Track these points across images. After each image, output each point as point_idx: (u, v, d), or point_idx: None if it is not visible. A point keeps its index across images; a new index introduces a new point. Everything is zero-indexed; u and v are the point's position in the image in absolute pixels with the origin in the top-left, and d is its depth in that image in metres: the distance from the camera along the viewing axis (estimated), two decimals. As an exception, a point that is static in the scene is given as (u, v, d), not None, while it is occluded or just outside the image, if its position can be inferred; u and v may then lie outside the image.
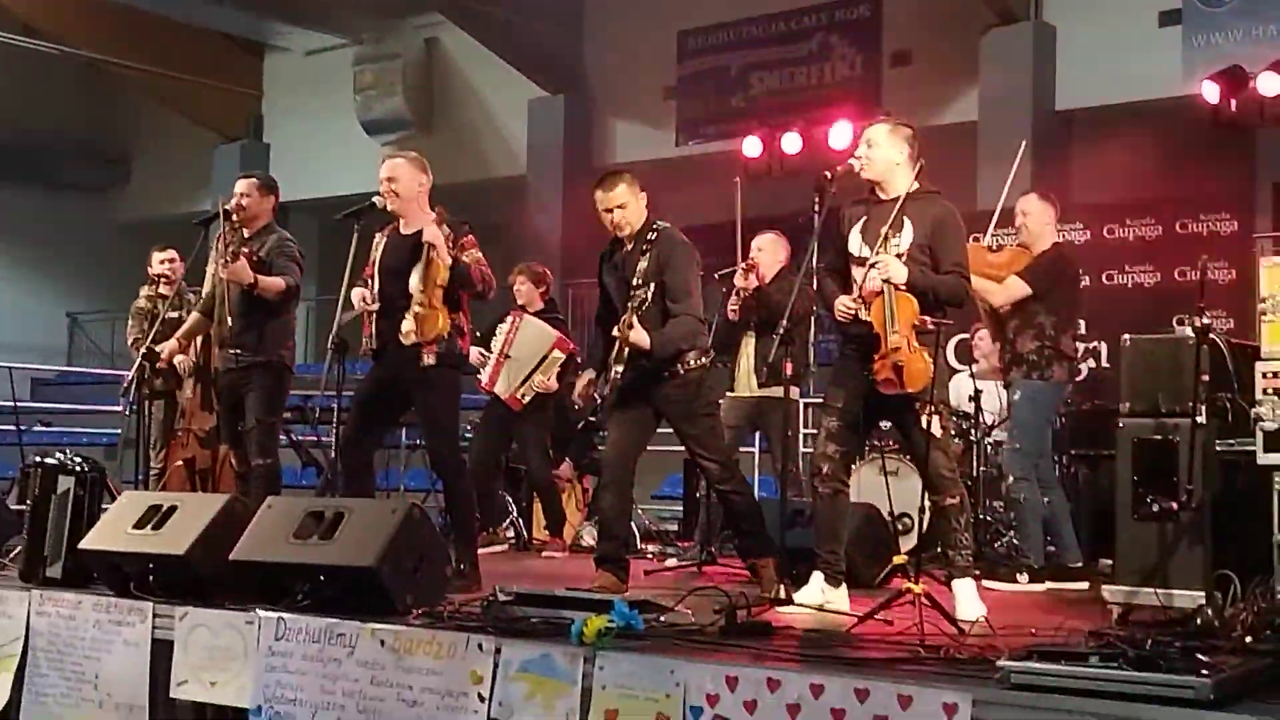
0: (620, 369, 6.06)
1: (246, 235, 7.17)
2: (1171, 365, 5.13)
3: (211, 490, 7.39)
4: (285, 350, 7.20)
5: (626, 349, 6.02)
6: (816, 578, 5.66)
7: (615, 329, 6.06)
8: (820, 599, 5.57)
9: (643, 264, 6.12)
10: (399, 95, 17.07)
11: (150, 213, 19.45)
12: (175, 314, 8.16)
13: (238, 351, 7.05)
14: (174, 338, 7.46)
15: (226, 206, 7.20)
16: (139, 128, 20.36)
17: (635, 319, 5.99)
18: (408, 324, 6.30)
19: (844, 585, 5.69)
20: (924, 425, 5.35)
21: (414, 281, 6.32)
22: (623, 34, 15.84)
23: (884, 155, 5.57)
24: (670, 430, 6.27)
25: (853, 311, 5.50)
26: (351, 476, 6.56)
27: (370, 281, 6.54)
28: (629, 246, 6.23)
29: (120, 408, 9.64)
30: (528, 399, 8.89)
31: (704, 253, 6.40)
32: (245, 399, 7.04)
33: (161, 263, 8.90)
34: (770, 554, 6.15)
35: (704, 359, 6.20)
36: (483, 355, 8.92)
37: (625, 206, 6.17)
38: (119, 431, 13.40)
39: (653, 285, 6.06)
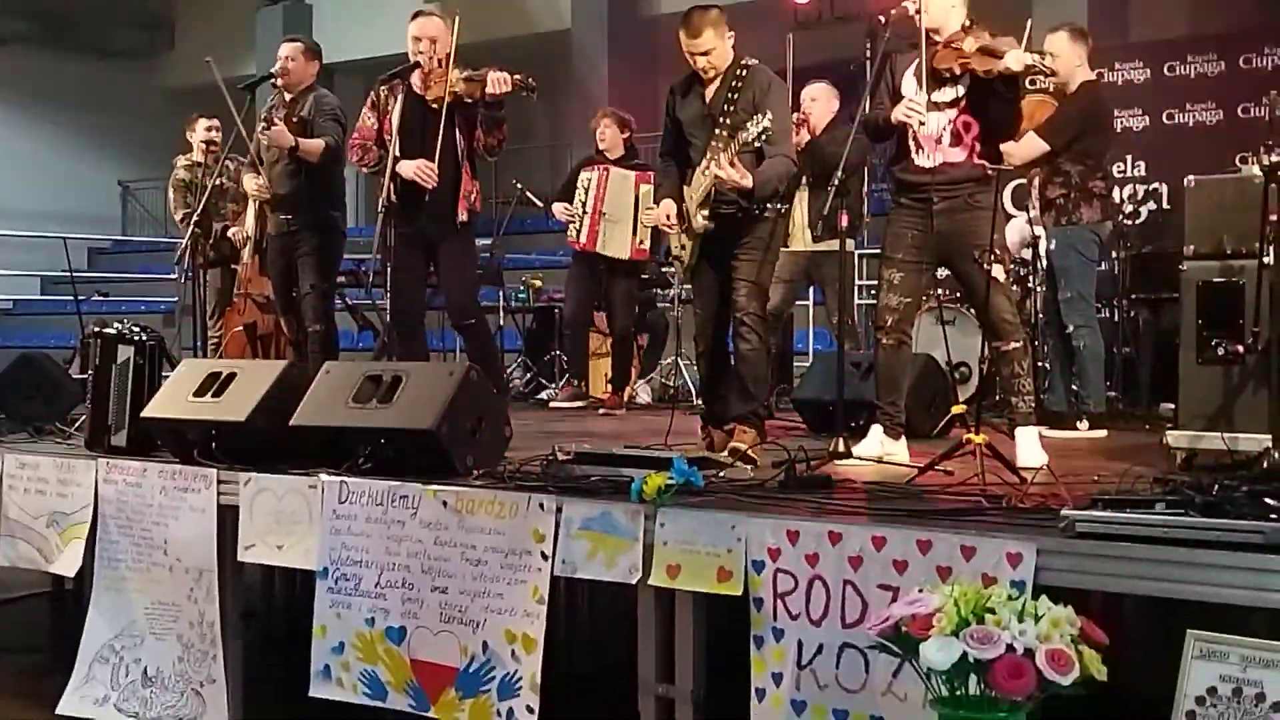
0: (706, 215, 5.85)
1: (289, 99, 7.13)
2: (1238, 205, 5.00)
3: (275, 354, 7.42)
4: (336, 212, 7.19)
5: (712, 190, 5.80)
6: (875, 430, 5.64)
7: (703, 167, 5.82)
8: (879, 451, 5.56)
9: (732, 103, 5.83)
10: (442, -52, 16.77)
11: (195, 78, 19.33)
12: (219, 181, 8.13)
13: (288, 216, 7.04)
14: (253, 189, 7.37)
15: (274, 69, 7.17)
16: (181, -8, 20.24)
17: (728, 158, 5.69)
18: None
19: (903, 438, 5.67)
20: (985, 268, 5.29)
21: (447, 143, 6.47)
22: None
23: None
24: None
25: (918, 112, 5.36)
26: (404, 340, 6.60)
27: (388, 140, 6.55)
28: (715, 83, 5.93)
29: (175, 275, 9.70)
30: (647, 243, 8.89)
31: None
32: (297, 264, 7.05)
33: (208, 129, 8.86)
34: (757, 428, 5.96)
35: (786, 204, 6.08)
36: (568, 210, 8.90)
37: (712, 51, 5.86)
38: (175, 299, 13.54)
39: (740, 139, 5.70)
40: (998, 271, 5.37)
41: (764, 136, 5.64)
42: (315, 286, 7.06)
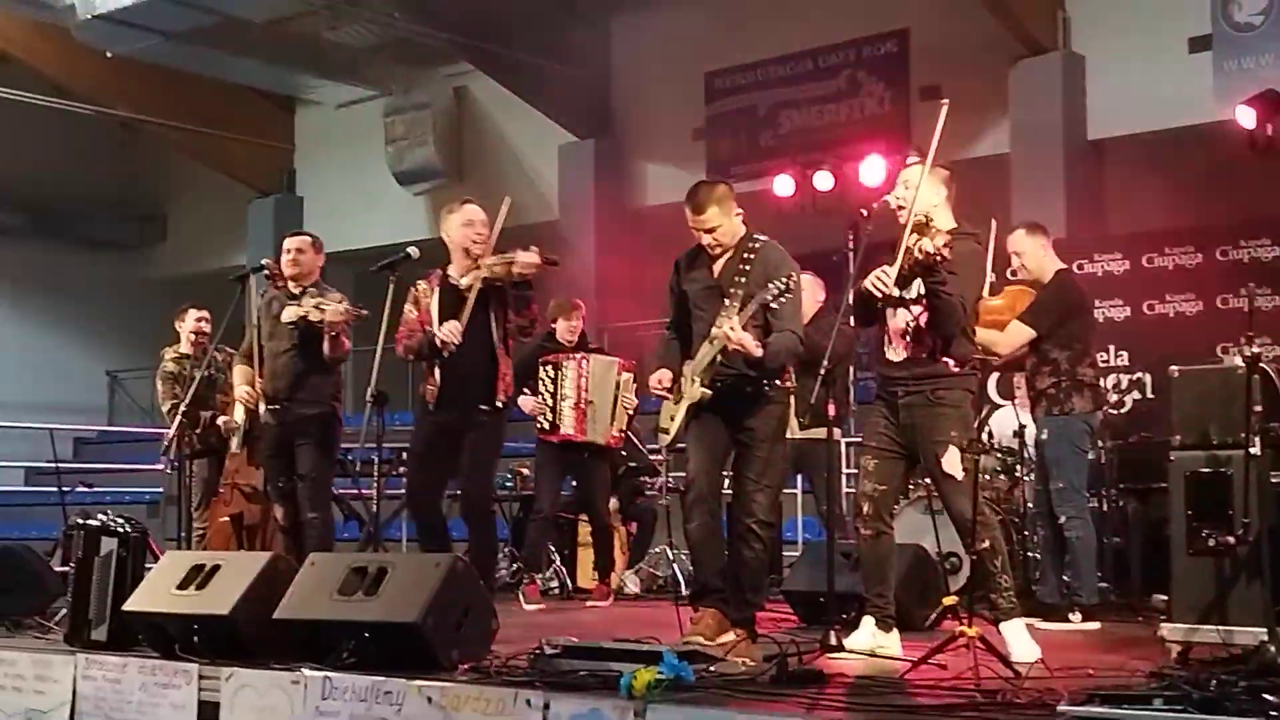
0: (706, 382, 5.71)
1: (296, 292, 7.19)
2: (1222, 396, 5.05)
3: (260, 546, 7.36)
4: (336, 402, 7.25)
5: (718, 356, 5.67)
6: (867, 622, 5.57)
7: (709, 336, 5.71)
8: (871, 643, 5.48)
9: (744, 274, 5.73)
10: (430, 145, 17.13)
11: (186, 269, 19.57)
12: (209, 372, 8.16)
13: (287, 404, 7.06)
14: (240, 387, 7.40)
15: (265, 262, 7.25)
16: (173, 185, 20.52)
17: (740, 321, 5.60)
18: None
19: (895, 630, 5.60)
20: (944, 469, 5.32)
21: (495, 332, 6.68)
22: (650, 77, 15.88)
23: (923, 197, 5.49)
24: None
25: (884, 282, 5.35)
26: (429, 531, 6.73)
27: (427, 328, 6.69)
28: (724, 256, 5.85)
29: (162, 466, 9.67)
30: (623, 428, 8.87)
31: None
32: (296, 452, 7.07)
33: (198, 320, 8.91)
34: (749, 630, 5.74)
35: (792, 383, 5.96)
36: (538, 404, 8.79)
37: (719, 228, 5.80)
38: (161, 489, 13.45)
39: (757, 301, 5.62)
40: (955, 468, 5.34)
41: (782, 299, 5.55)
42: (314, 474, 7.07)
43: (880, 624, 5.54)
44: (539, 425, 8.90)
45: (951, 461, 5.38)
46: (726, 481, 6.17)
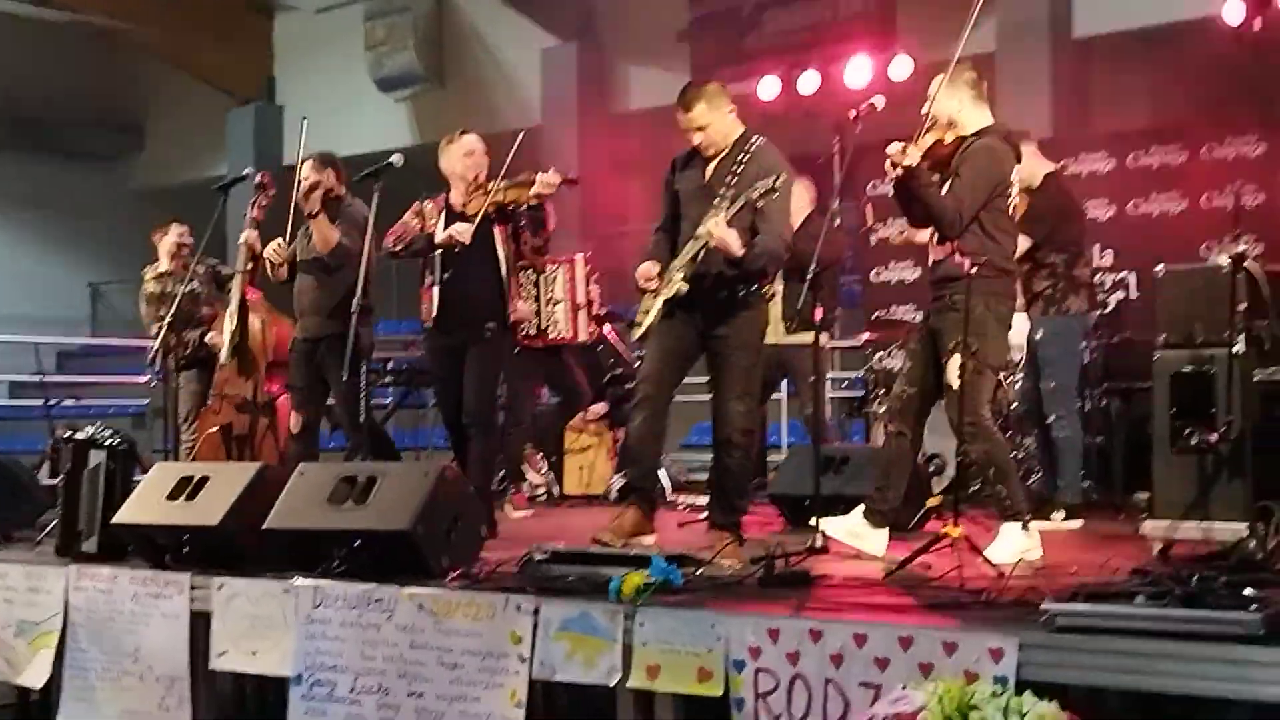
0: (686, 277, 5.64)
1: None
2: (1207, 295, 5.06)
3: (250, 456, 7.37)
4: (368, 317, 7.10)
5: (701, 254, 5.60)
6: (858, 510, 5.55)
7: (698, 230, 5.62)
8: (850, 527, 5.45)
9: (735, 175, 5.64)
10: (410, 50, 16.92)
11: (165, 179, 19.42)
12: (190, 288, 8.12)
13: (316, 320, 7.10)
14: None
15: (248, 172, 7.19)
16: (151, 94, 20.27)
17: (725, 218, 5.54)
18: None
19: (885, 528, 5.57)
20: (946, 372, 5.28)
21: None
22: (633, -23, 15.69)
23: (941, 110, 5.39)
24: (698, 377, 6.09)
25: (892, 154, 5.22)
26: (457, 450, 6.86)
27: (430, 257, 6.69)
28: (720, 155, 5.76)
29: (147, 378, 9.65)
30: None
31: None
32: (327, 371, 7.05)
33: (180, 235, 8.79)
34: (736, 534, 5.76)
35: (771, 288, 5.90)
36: (527, 310, 8.73)
37: (707, 127, 5.72)
38: (147, 401, 13.45)
39: (744, 198, 5.54)
40: (951, 375, 5.30)
41: (769, 196, 5.49)
42: (342, 397, 7.08)
43: (869, 516, 5.51)
44: (524, 332, 8.85)
45: (950, 369, 5.30)
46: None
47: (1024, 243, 6.93)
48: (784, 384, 9.56)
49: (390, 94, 17.24)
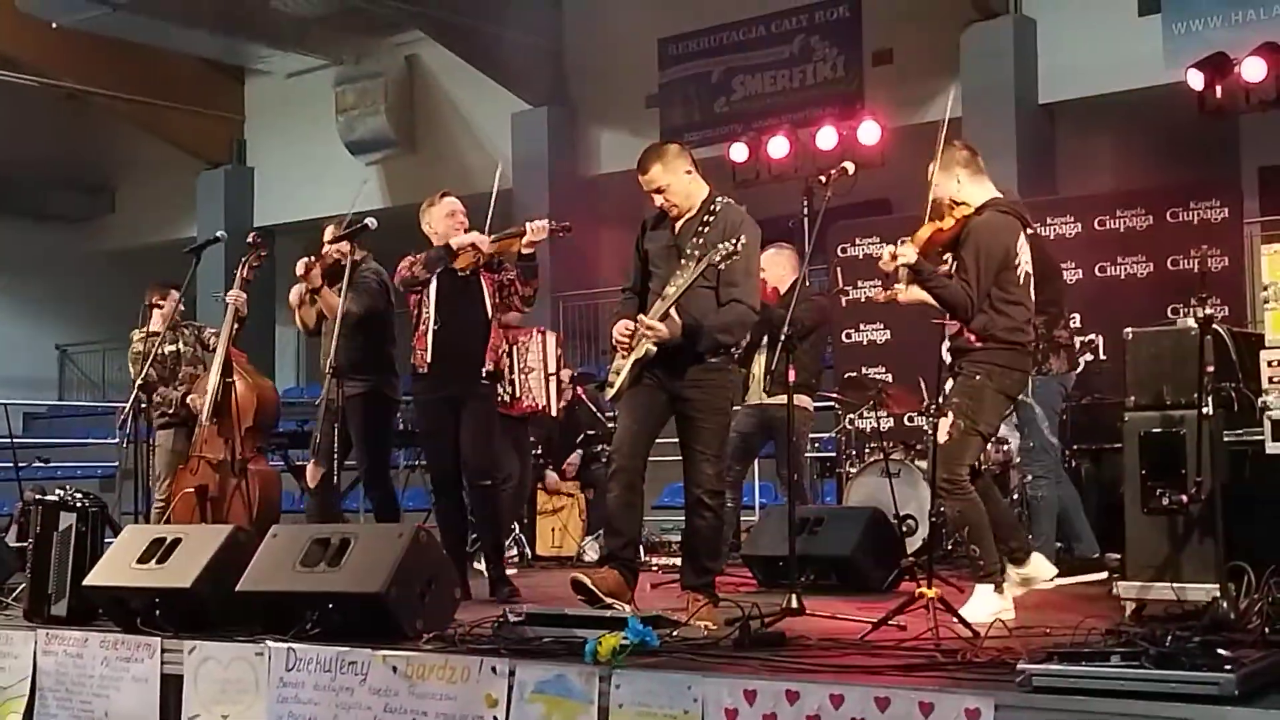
0: (637, 360, 5.60)
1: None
2: (1175, 357, 5.10)
3: (224, 519, 7.33)
4: (387, 381, 7.29)
5: (668, 314, 5.56)
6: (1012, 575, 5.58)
7: (662, 294, 5.59)
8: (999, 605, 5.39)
9: (701, 236, 5.61)
10: (381, 114, 17.04)
11: (135, 241, 19.40)
12: (174, 348, 8.10)
13: (342, 381, 7.08)
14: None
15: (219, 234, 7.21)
16: (122, 156, 20.29)
17: (672, 312, 5.52)
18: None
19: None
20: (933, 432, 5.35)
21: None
22: (604, 43, 15.83)
23: (941, 193, 5.54)
24: (670, 439, 6.07)
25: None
26: (443, 508, 6.93)
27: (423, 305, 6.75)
28: (687, 215, 5.75)
29: (116, 440, 9.58)
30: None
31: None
32: (350, 430, 7.11)
33: (179, 302, 8.60)
34: (710, 594, 5.70)
35: (736, 353, 5.88)
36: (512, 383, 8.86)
37: (666, 189, 5.71)
38: (115, 464, 13.35)
39: (706, 260, 5.52)
40: (940, 431, 5.37)
41: (732, 258, 5.48)
42: (369, 452, 7.17)
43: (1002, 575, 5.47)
44: (499, 399, 8.92)
45: (941, 426, 5.41)
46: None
47: None
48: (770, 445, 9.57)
49: (361, 157, 17.33)
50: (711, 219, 5.70)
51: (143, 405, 7.48)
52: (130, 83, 17.63)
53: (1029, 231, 5.70)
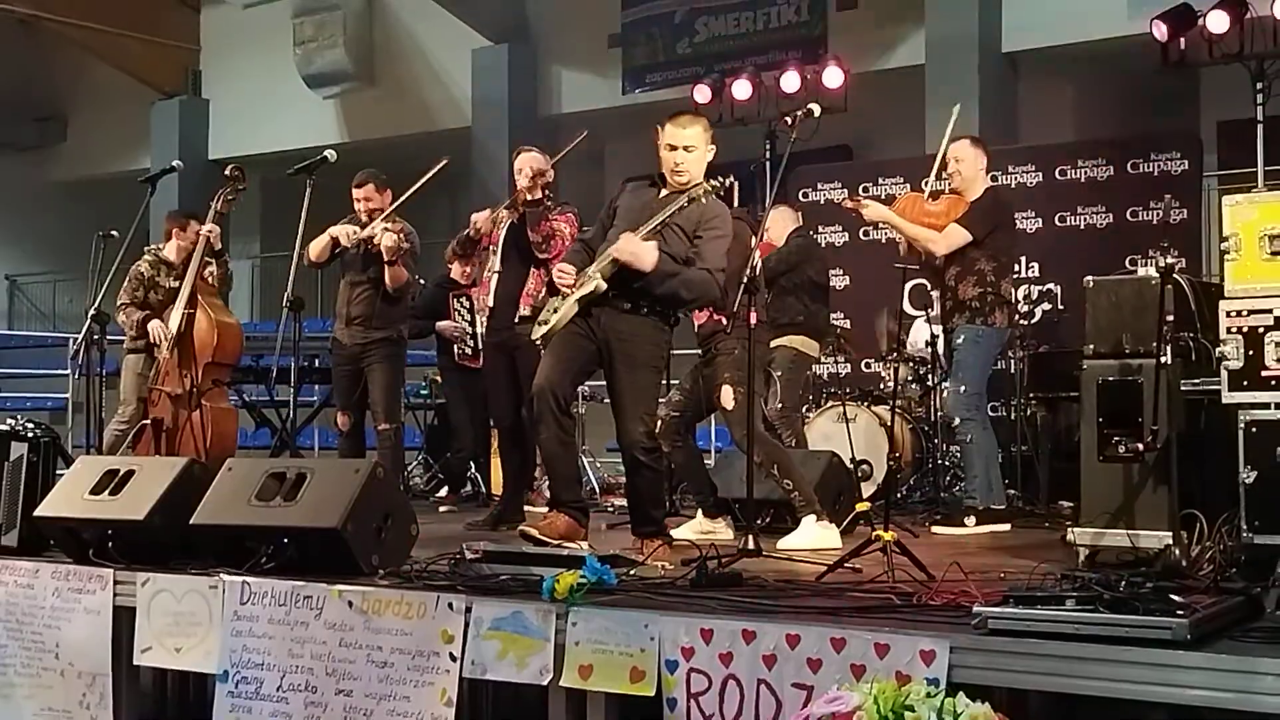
0: (603, 277, 5.52)
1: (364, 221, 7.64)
2: (1135, 305, 5.11)
3: (171, 452, 7.28)
4: (402, 326, 7.86)
5: (610, 269, 5.49)
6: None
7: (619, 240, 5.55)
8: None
9: (677, 211, 5.58)
10: (340, 47, 16.83)
11: (88, 171, 19.13)
12: (177, 284, 8.01)
13: (362, 331, 7.60)
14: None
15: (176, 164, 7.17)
16: (74, 85, 19.96)
17: (644, 233, 5.49)
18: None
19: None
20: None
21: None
22: (567, -19, 15.69)
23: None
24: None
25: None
26: (505, 448, 7.51)
27: (490, 250, 7.30)
28: (675, 191, 5.67)
29: (68, 371, 9.48)
30: None
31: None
32: (366, 372, 7.61)
33: (195, 230, 8.38)
34: (664, 536, 5.74)
35: (675, 317, 5.80)
36: (462, 332, 9.15)
37: (694, 149, 5.64)
38: (66, 395, 13.24)
39: (677, 233, 5.54)
40: (726, 399, 6.11)
41: (705, 198, 5.51)
42: (386, 392, 7.61)
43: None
44: (460, 352, 8.97)
45: (725, 395, 6.17)
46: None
47: (964, 237, 7.03)
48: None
49: (318, 91, 17.13)
50: (691, 202, 5.62)
51: (94, 336, 7.35)
52: (84, 8, 17.34)
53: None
